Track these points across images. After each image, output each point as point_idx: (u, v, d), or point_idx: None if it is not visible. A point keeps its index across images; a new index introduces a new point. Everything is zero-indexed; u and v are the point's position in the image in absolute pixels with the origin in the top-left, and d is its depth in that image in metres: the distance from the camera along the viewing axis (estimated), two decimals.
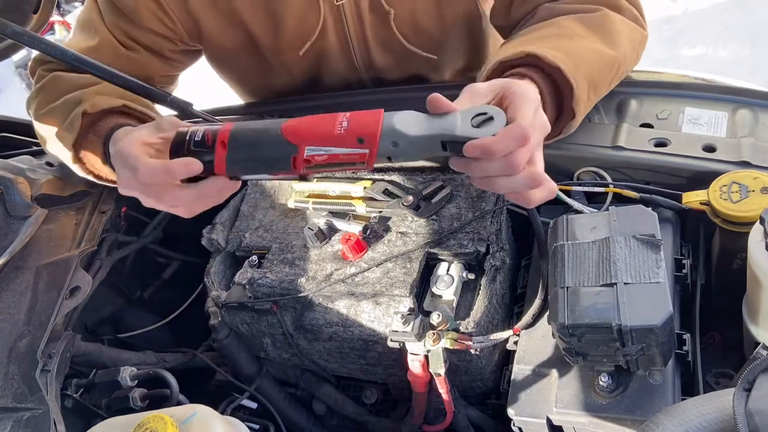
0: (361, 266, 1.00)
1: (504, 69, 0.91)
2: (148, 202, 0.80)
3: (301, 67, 1.21)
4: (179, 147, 0.76)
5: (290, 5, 1.10)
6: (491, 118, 0.69)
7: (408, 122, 0.70)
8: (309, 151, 0.71)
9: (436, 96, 0.71)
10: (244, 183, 1.22)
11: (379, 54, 1.20)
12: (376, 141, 0.69)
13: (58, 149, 1.03)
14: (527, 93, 0.74)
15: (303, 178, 1.14)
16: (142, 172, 0.75)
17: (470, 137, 0.68)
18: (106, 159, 0.93)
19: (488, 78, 0.91)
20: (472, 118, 0.69)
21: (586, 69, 0.91)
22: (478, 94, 0.74)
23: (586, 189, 0.97)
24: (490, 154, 0.67)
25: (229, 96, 1.41)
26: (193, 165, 0.75)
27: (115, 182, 0.92)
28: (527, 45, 0.90)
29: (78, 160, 0.99)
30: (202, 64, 1.27)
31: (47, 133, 1.04)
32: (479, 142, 0.68)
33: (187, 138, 0.76)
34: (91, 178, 1.02)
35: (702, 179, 0.91)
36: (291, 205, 1.13)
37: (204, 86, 1.52)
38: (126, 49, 1.11)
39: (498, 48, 1.06)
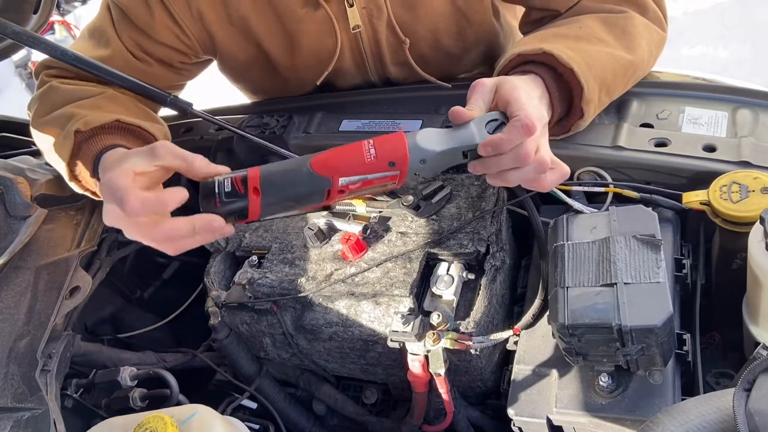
0: (361, 266, 1.00)
1: (520, 61, 0.93)
2: (134, 235, 0.75)
3: (316, 82, 1.21)
4: (209, 201, 0.74)
5: (306, 27, 1.10)
6: (503, 123, 0.76)
7: (430, 139, 0.76)
8: (343, 182, 0.74)
9: (457, 109, 0.76)
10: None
11: (395, 70, 1.21)
12: (407, 162, 0.74)
13: (54, 164, 1.01)
14: (521, 85, 0.80)
15: (326, 207, 1.10)
16: (132, 203, 0.71)
17: None
18: (97, 179, 0.89)
19: (504, 67, 0.95)
20: (486, 125, 0.76)
21: (600, 71, 0.93)
22: (486, 90, 0.80)
23: (586, 189, 0.97)
24: (501, 149, 0.73)
25: (228, 96, 1.41)
26: (181, 193, 0.74)
27: None
28: (546, 42, 0.92)
29: (74, 178, 0.97)
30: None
31: (42, 145, 1.03)
32: (490, 140, 0.74)
33: (216, 190, 0.74)
34: (89, 195, 1.00)
35: (702, 179, 0.90)
36: None
37: (203, 86, 1.52)
38: (138, 61, 1.11)
39: (519, 39, 1.07)
